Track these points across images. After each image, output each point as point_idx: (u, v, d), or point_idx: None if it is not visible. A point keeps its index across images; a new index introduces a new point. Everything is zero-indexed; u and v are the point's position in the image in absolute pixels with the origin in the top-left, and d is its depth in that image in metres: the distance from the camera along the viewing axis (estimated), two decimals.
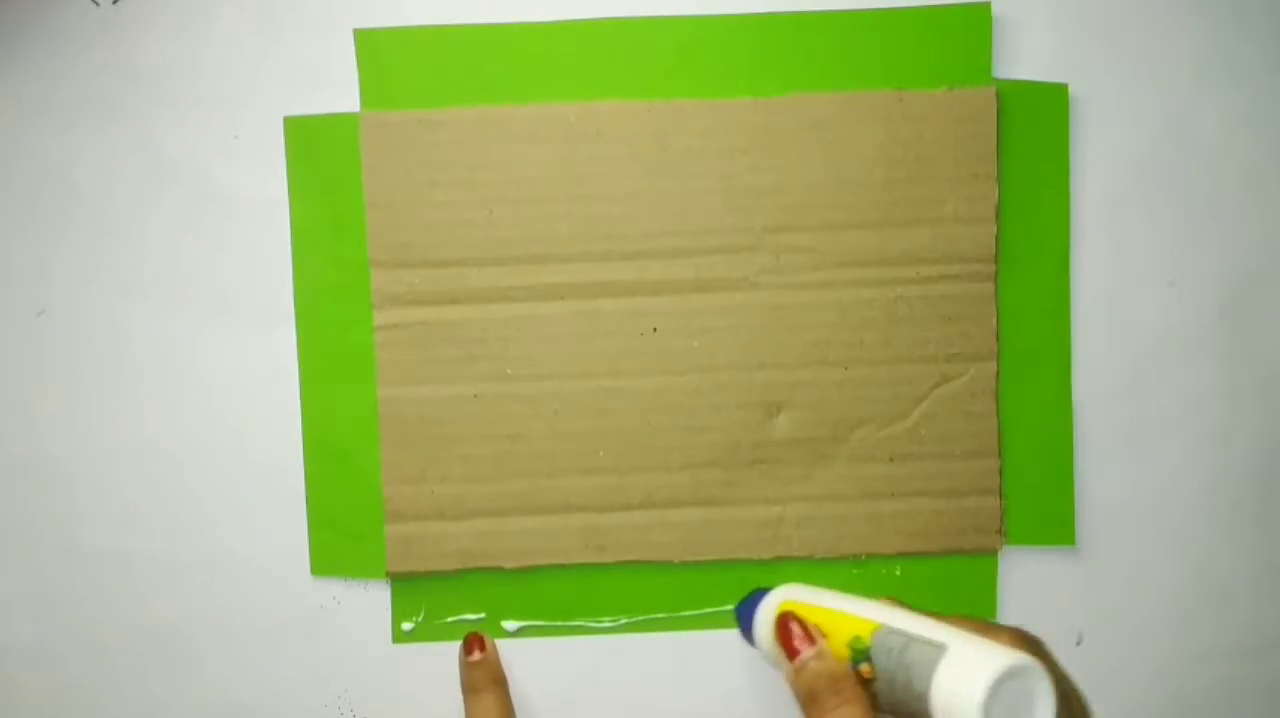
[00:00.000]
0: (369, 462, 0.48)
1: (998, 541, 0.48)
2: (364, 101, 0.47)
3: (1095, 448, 0.49)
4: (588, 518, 0.48)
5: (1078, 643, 0.49)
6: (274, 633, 0.48)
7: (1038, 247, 0.48)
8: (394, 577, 0.48)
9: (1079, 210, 0.49)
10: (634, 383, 0.47)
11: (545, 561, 0.48)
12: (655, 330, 0.47)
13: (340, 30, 0.47)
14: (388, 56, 0.47)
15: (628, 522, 0.48)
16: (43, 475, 0.48)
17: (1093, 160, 0.48)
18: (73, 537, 0.48)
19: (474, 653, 0.47)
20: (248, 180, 0.47)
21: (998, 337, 0.48)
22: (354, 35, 0.47)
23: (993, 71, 0.48)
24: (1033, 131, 0.48)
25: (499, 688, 0.46)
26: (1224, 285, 0.49)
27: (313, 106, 0.47)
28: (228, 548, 0.48)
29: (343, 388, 0.48)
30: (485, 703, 0.46)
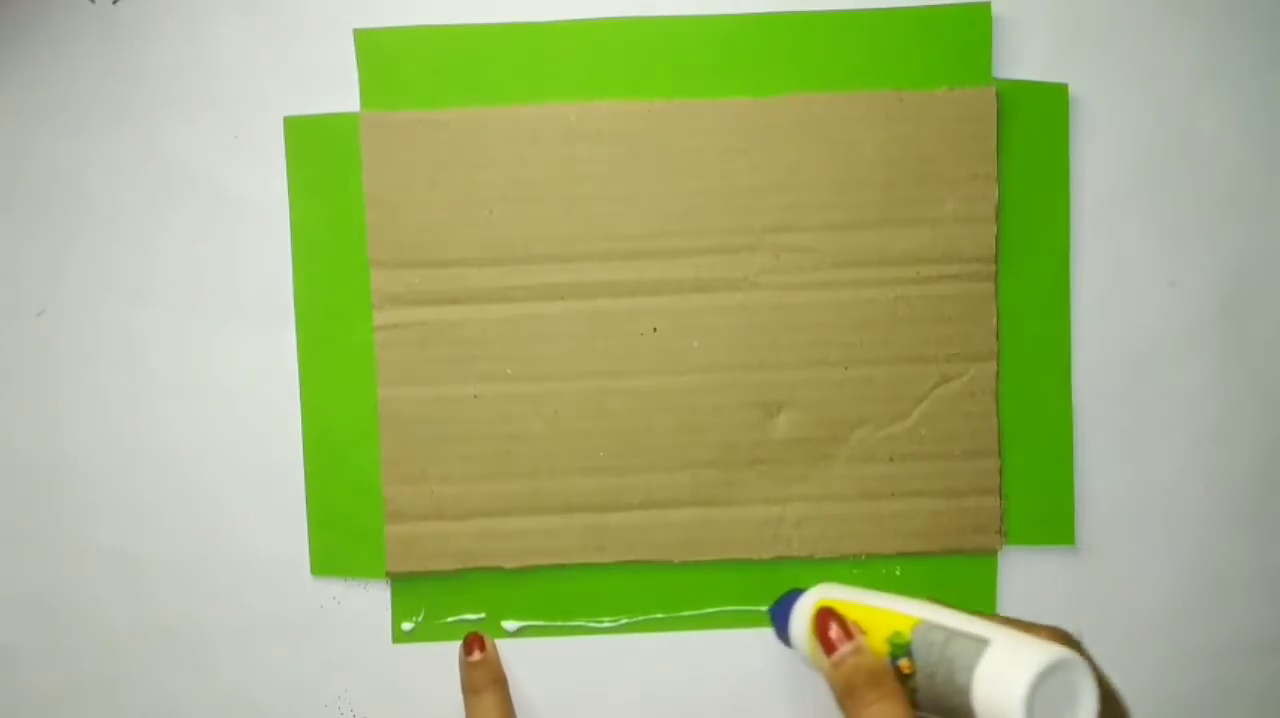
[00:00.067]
0: (369, 462, 0.48)
1: (997, 541, 0.48)
2: (364, 101, 0.47)
3: (1095, 448, 0.49)
4: (588, 518, 0.48)
5: None
6: (274, 633, 0.48)
7: (1038, 247, 0.48)
8: (394, 577, 0.48)
9: (1079, 210, 0.49)
10: (634, 383, 0.47)
11: (545, 560, 0.48)
12: (655, 330, 0.47)
13: (340, 30, 0.47)
14: (388, 56, 0.47)
15: (628, 522, 0.48)
16: (43, 476, 0.48)
17: (1093, 160, 0.48)
18: (74, 537, 0.48)
19: (474, 653, 0.47)
20: (248, 180, 0.47)
21: (998, 337, 0.48)
22: (354, 35, 0.47)
23: (993, 71, 0.48)
24: (1033, 131, 0.48)
25: (499, 688, 0.46)
26: (1224, 285, 0.49)
27: (313, 106, 0.47)
28: (228, 548, 0.48)
29: (343, 388, 0.48)
30: (485, 703, 0.46)
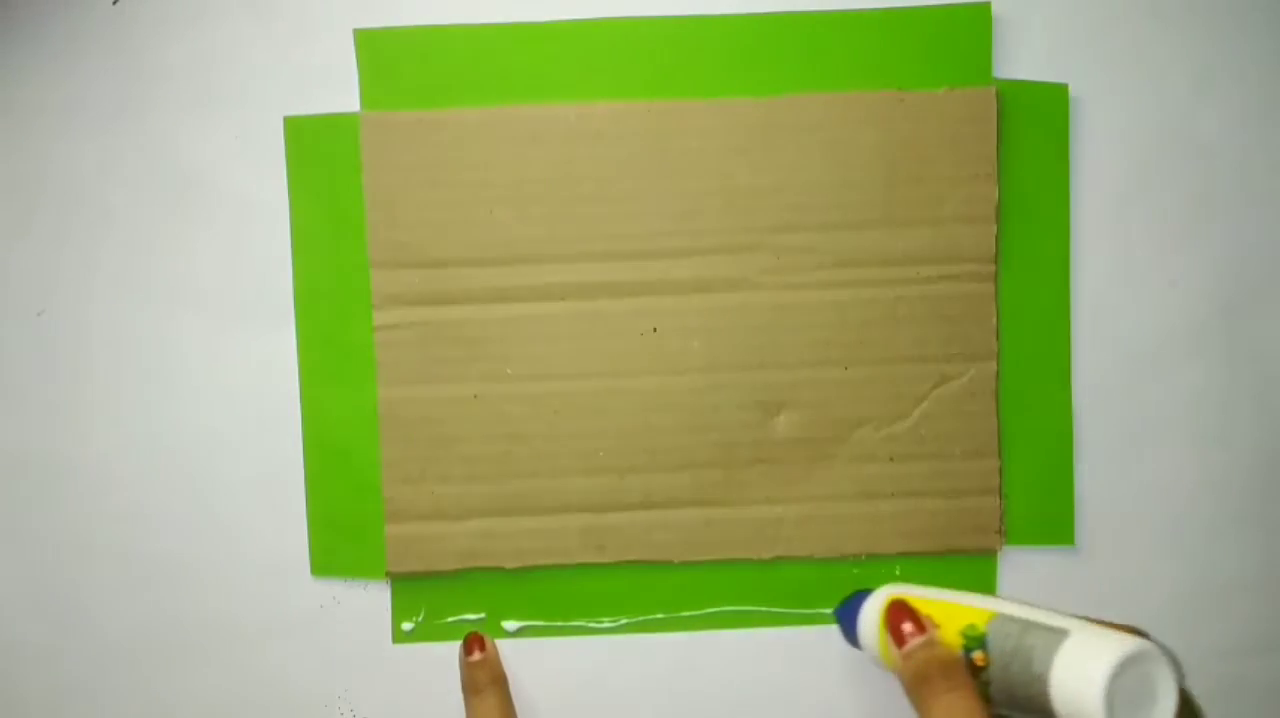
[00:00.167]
0: (369, 462, 0.48)
1: (997, 540, 0.48)
2: (364, 101, 0.47)
3: (1095, 448, 0.49)
4: (588, 518, 0.48)
5: None
6: (274, 633, 0.48)
7: (1038, 247, 0.48)
8: (394, 577, 0.48)
9: (1079, 210, 0.49)
10: (634, 383, 0.47)
11: (545, 561, 0.48)
12: (655, 330, 0.47)
13: (340, 30, 0.47)
14: (388, 56, 0.47)
15: (628, 522, 0.48)
16: (43, 475, 0.48)
17: (1093, 160, 0.48)
18: (73, 536, 0.48)
19: (474, 653, 0.47)
20: (248, 180, 0.47)
21: (998, 337, 0.48)
22: (354, 35, 0.47)
23: (993, 71, 0.48)
24: (1033, 131, 0.48)
25: (499, 688, 0.46)
26: (1224, 286, 0.49)
27: (313, 106, 0.47)
28: (228, 548, 0.48)
29: (343, 388, 0.48)
30: (486, 703, 0.46)
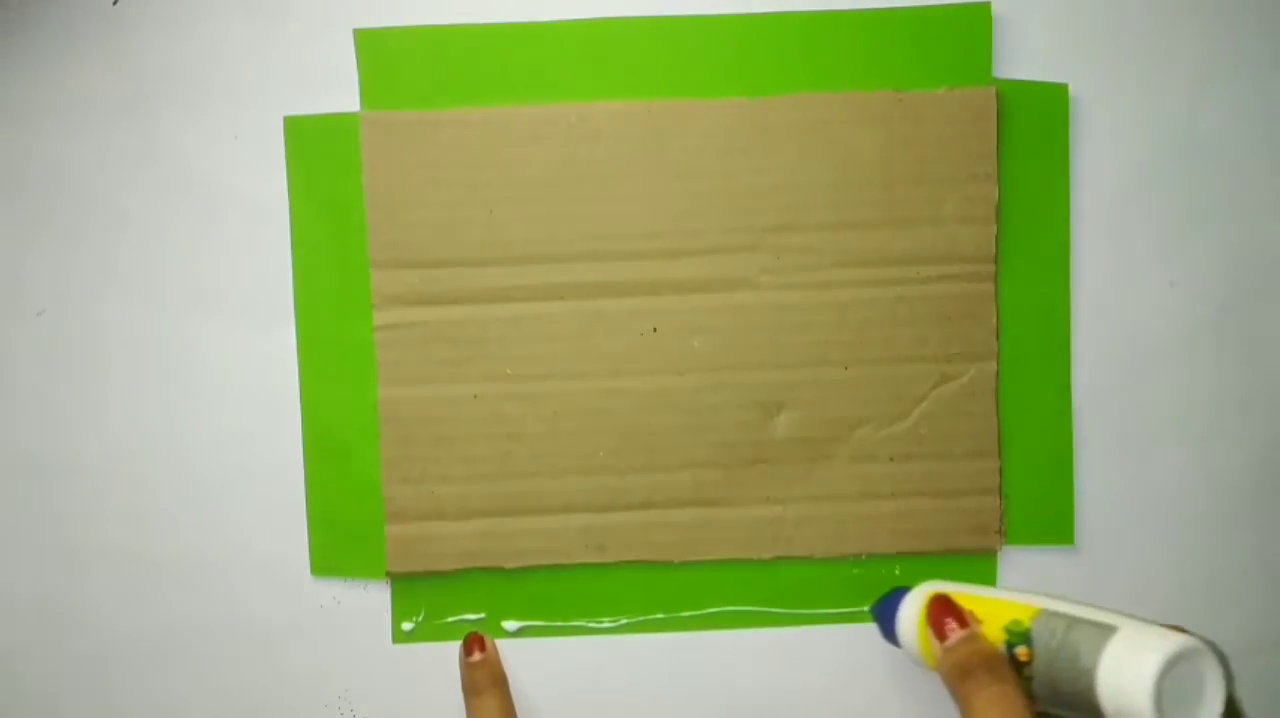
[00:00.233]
0: (369, 462, 0.48)
1: (997, 540, 0.48)
2: (364, 101, 0.47)
3: (1095, 448, 0.49)
4: (588, 518, 0.48)
5: None
6: (274, 633, 0.48)
7: (1038, 247, 0.48)
8: (394, 577, 0.48)
9: (1079, 210, 0.49)
10: (634, 383, 0.47)
11: (545, 561, 0.48)
12: (655, 330, 0.47)
13: (340, 30, 0.47)
14: (388, 56, 0.47)
15: (628, 522, 0.48)
16: (43, 476, 0.48)
17: (1093, 160, 0.48)
18: (73, 537, 0.48)
19: (474, 654, 0.47)
20: (248, 180, 0.47)
21: (998, 337, 0.48)
22: (354, 35, 0.47)
23: (993, 71, 0.48)
24: (1033, 131, 0.48)
25: (500, 689, 0.46)
26: (1224, 286, 0.49)
27: (313, 106, 0.47)
28: (228, 548, 0.48)
29: (343, 388, 0.48)
30: (486, 704, 0.46)
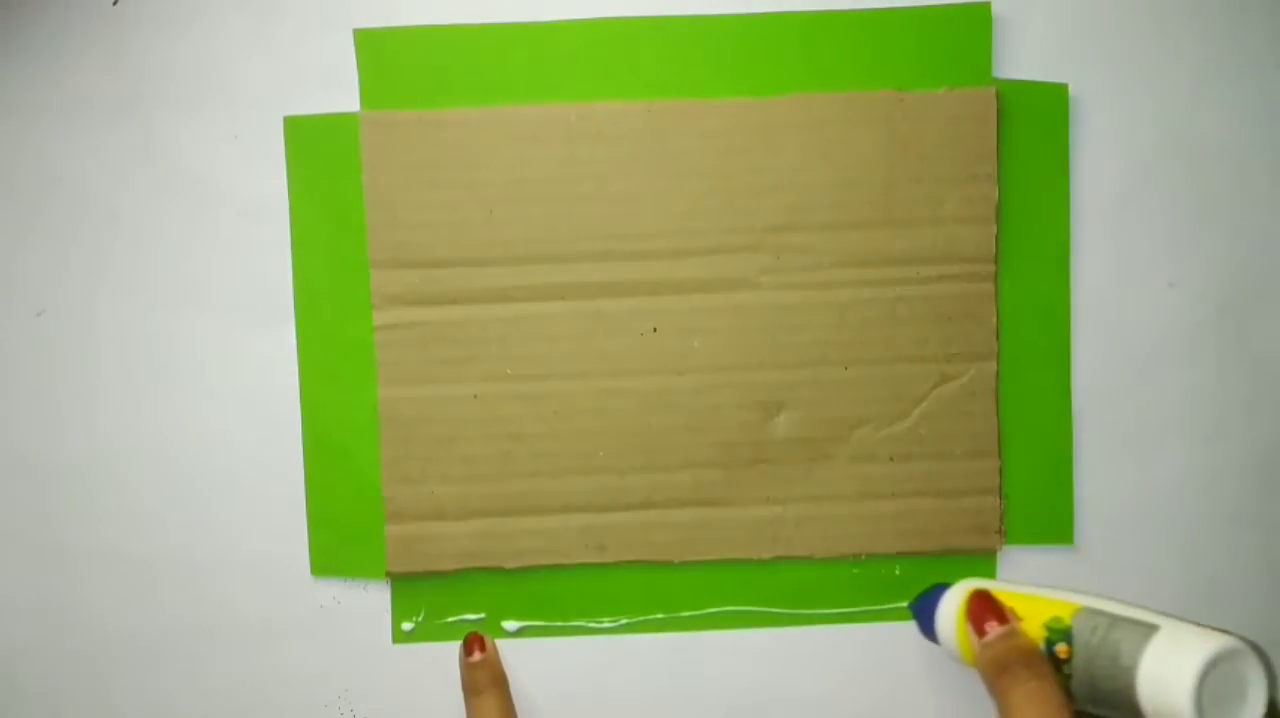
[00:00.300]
0: (369, 462, 0.48)
1: (997, 540, 0.48)
2: (364, 101, 0.47)
3: (1095, 448, 0.49)
4: (588, 518, 0.48)
5: None
6: (274, 633, 0.48)
7: (1038, 247, 0.48)
8: (394, 577, 0.48)
9: (1079, 210, 0.49)
10: (634, 383, 0.47)
11: (545, 561, 0.48)
12: (655, 330, 0.47)
13: (340, 30, 0.47)
14: (388, 56, 0.47)
15: (628, 522, 0.48)
16: (43, 476, 0.48)
17: (1093, 160, 0.48)
18: (73, 536, 0.48)
19: (474, 654, 0.47)
20: (248, 180, 0.47)
21: (998, 337, 0.48)
22: (354, 35, 0.47)
23: (993, 71, 0.48)
24: (1033, 131, 0.48)
25: (500, 689, 0.46)
26: (1224, 286, 0.49)
27: (313, 106, 0.47)
28: (228, 548, 0.48)
29: (343, 388, 0.48)
30: (487, 704, 0.46)
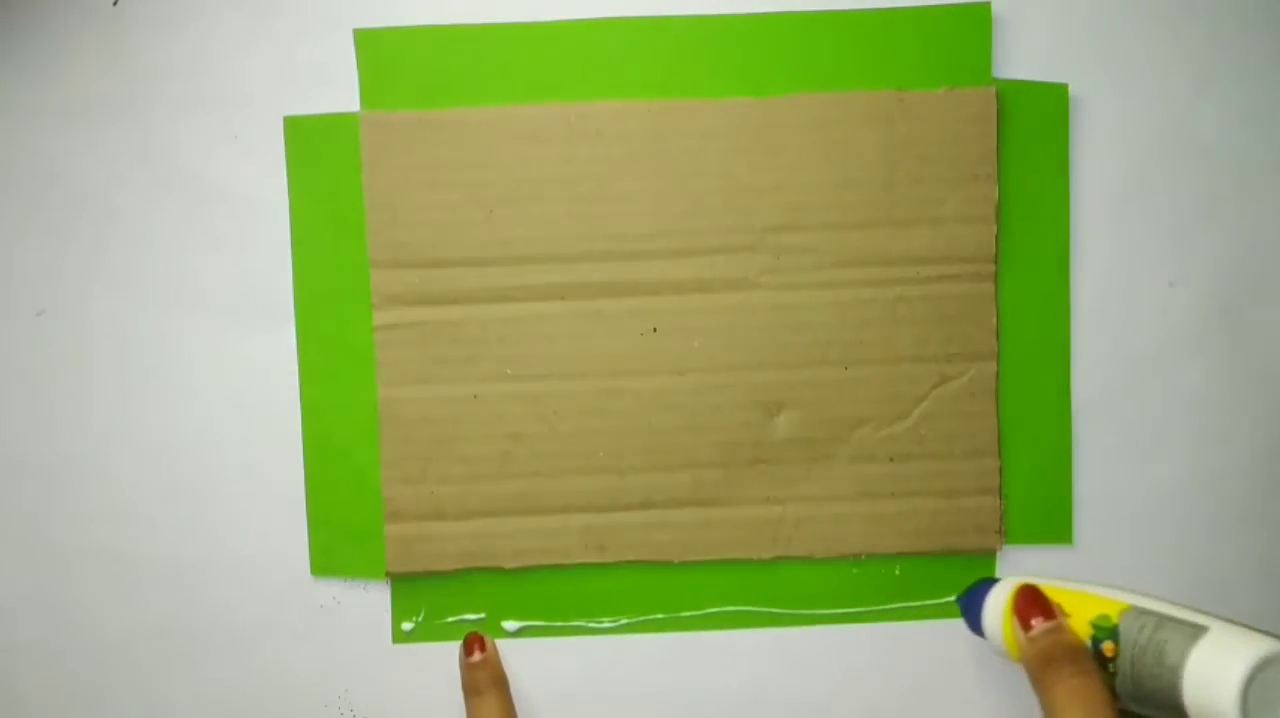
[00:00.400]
0: (369, 462, 0.48)
1: (997, 540, 0.48)
2: (364, 101, 0.47)
3: (1095, 448, 0.49)
4: (588, 518, 0.48)
5: None
6: (274, 633, 0.48)
7: (1038, 247, 0.48)
8: (394, 577, 0.48)
9: (1079, 210, 0.49)
10: (634, 383, 0.47)
11: (545, 561, 0.48)
12: (655, 330, 0.47)
13: (340, 30, 0.47)
14: (388, 56, 0.47)
15: (628, 522, 0.48)
16: (42, 475, 0.48)
17: (1093, 160, 0.48)
18: (73, 536, 0.48)
19: (474, 654, 0.47)
20: (248, 180, 0.47)
21: (998, 337, 0.48)
22: (354, 35, 0.47)
23: (993, 71, 0.48)
24: (1033, 131, 0.48)
25: (500, 689, 0.46)
26: (1224, 286, 0.49)
27: (313, 106, 0.47)
28: (228, 548, 0.48)
29: (343, 388, 0.48)
30: (487, 704, 0.46)
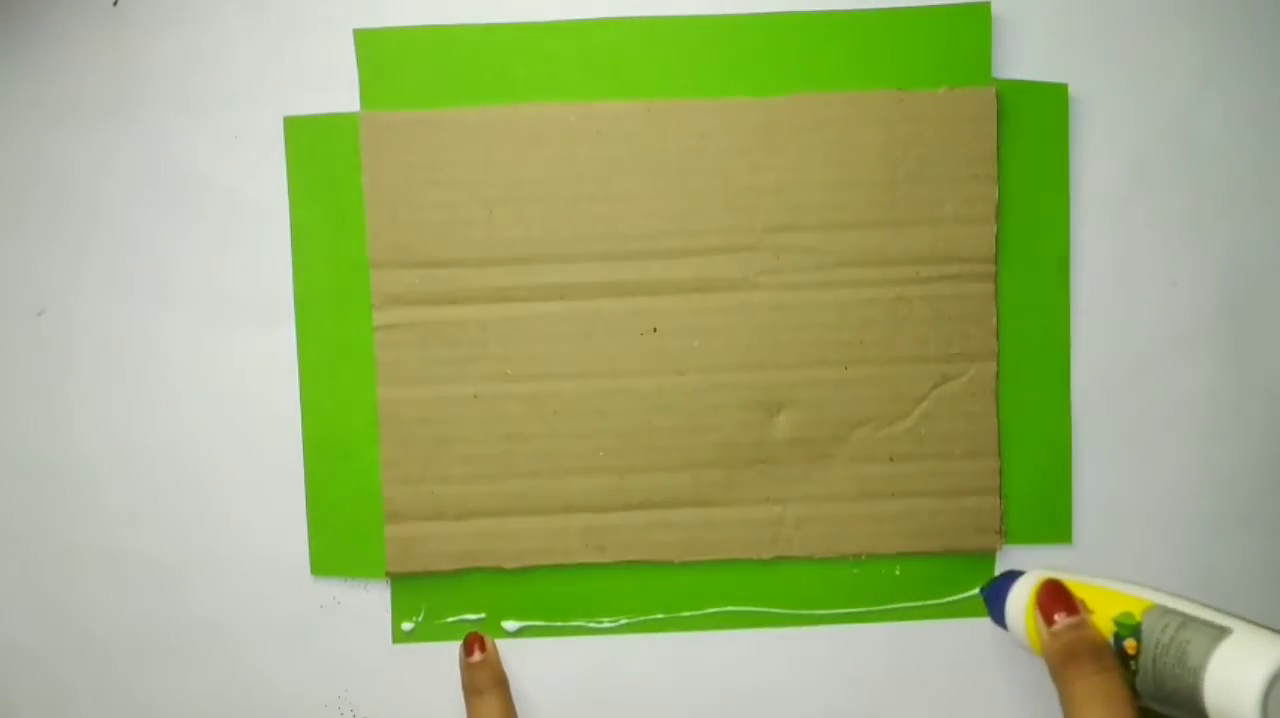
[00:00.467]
0: (369, 462, 0.48)
1: (997, 540, 0.48)
2: (364, 101, 0.47)
3: (1094, 448, 0.49)
4: (588, 518, 0.48)
5: None
6: (274, 633, 0.48)
7: (1038, 247, 0.48)
8: (394, 577, 0.48)
9: (1079, 210, 0.49)
10: (634, 383, 0.47)
11: (545, 561, 0.48)
12: (655, 330, 0.47)
13: (340, 30, 0.47)
14: (388, 56, 0.47)
15: (628, 522, 0.48)
16: (42, 475, 0.48)
17: (1093, 160, 0.48)
18: (72, 536, 0.48)
19: (474, 654, 0.47)
20: (248, 180, 0.47)
21: (998, 337, 0.48)
22: (354, 35, 0.47)
23: (993, 71, 0.48)
24: (1033, 131, 0.48)
25: (500, 689, 0.46)
26: (1224, 285, 0.49)
27: (313, 106, 0.47)
28: (227, 548, 0.48)
29: (343, 388, 0.48)
30: (487, 704, 0.46)
